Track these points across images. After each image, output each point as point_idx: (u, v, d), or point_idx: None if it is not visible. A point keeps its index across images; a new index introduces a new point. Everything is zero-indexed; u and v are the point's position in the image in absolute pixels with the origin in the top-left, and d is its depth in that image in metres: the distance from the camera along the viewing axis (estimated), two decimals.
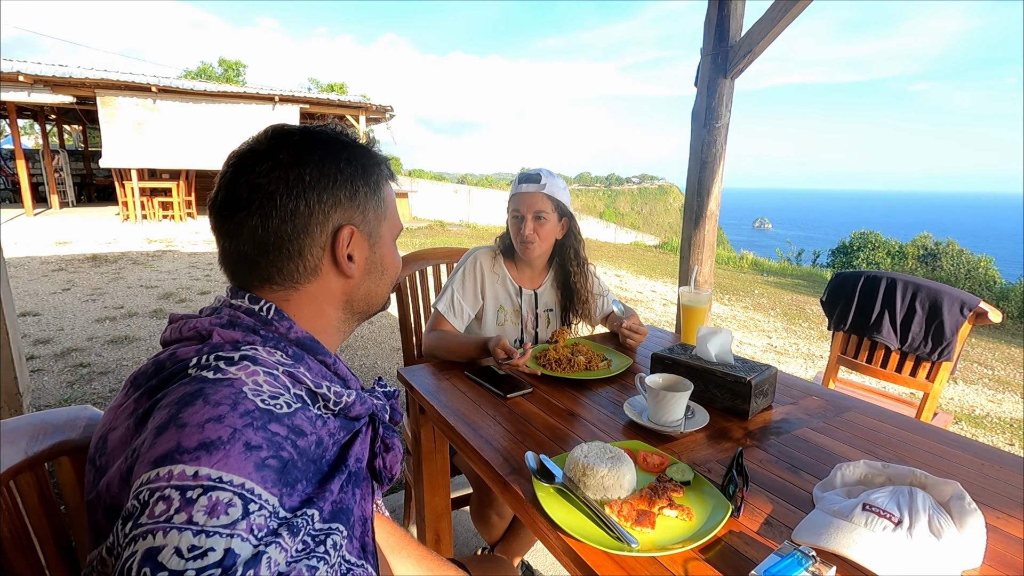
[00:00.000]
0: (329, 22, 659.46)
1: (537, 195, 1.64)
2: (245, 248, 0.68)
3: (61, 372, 3.52)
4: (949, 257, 11.56)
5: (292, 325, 0.69)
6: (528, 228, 1.63)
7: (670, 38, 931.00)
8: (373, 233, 0.75)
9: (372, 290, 0.78)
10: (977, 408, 3.77)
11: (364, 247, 0.75)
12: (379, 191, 0.76)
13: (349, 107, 12.12)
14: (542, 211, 1.64)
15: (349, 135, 0.76)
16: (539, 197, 1.64)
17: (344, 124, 0.83)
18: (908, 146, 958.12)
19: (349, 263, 0.73)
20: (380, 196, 0.76)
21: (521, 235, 1.65)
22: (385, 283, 0.80)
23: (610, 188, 57.83)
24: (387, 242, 0.79)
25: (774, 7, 2.08)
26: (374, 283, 0.78)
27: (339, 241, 0.70)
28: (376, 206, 0.75)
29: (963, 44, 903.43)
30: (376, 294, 0.80)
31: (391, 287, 0.82)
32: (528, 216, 1.63)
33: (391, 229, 0.79)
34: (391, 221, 0.79)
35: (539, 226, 1.64)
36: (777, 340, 5.25)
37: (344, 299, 0.76)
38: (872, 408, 1.28)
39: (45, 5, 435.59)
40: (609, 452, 0.93)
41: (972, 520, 0.77)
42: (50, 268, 6.44)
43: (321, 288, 0.73)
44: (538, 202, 1.64)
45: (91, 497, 0.59)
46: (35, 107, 11.07)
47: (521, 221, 1.65)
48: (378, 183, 0.76)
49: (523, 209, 1.64)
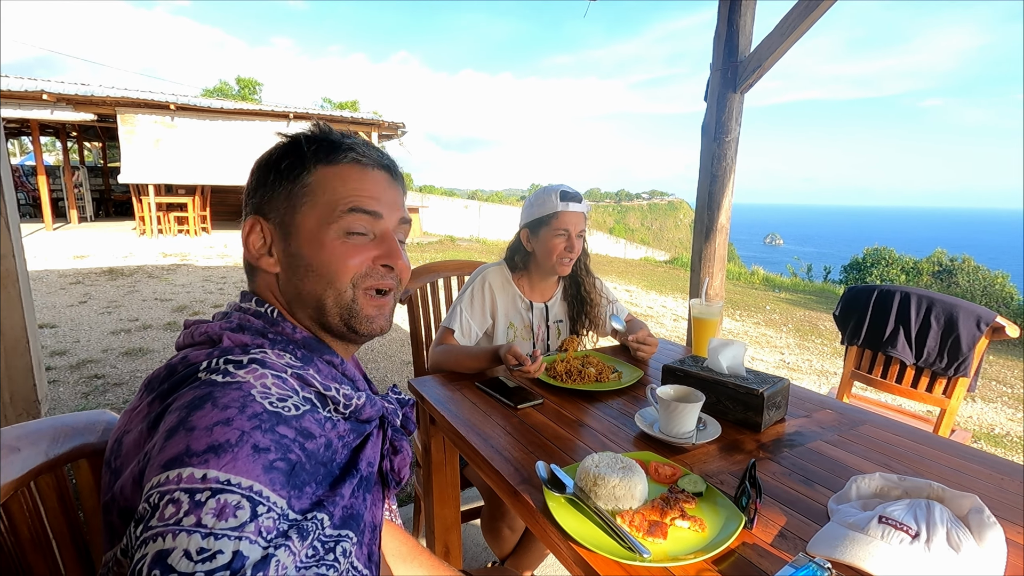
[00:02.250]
0: (342, 41, 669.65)
1: (581, 215, 1.69)
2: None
3: (76, 383, 3.56)
4: (965, 273, 11.41)
5: (295, 326, 0.70)
6: (577, 247, 1.68)
7: (677, 56, 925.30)
8: (286, 223, 0.69)
9: (303, 289, 0.69)
10: (997, 427, 3.69)
11: (278, 240, 0.70)
12: (298, 178, 0.69)
13: (362, 124, 12.31)
14: (583, 231, 1.69)
15: (299, 132, 0.72)
16: (582, 217, 1.69)
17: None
18: (919, 162, 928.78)
19: (264, 256, 0.71)
20: (298, 183, 0.69)
21: (568, 252, 1.67)
22: (319, 284, 0.69)
23: (620, 204, 57.95)
24: (308, 232, 0.69)
25: (783, 23, 2.10)
26: (301, 281, 0.69)
27: (243, 232, 0.71)
28: (288, 194, 0.69)
29: (974, 61, 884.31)
30: (311, 295, 0.69)
31: (334, 294, 0.69)
32: (574, 234, 1.67)
33: (317, 216, 0.69)
34: (320, 207, 0.69)
35: (579, 244, 1.70)
36: (790, 356, 5.19)
37: (284, 299, 0.71)
38: (887, 422, 1.26)
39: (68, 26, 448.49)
40: (620, 462, 0.93)
41: (992, 534, 0.76)
42: (67, 281, 6.55)
43: (263, 284, 0.72)
44: (581, 222, 1.69)
45: (107, 499, 0.59)
46: (57, 124, 11.35)
47: (568, 239, 1.67)
48: (294, 169, 0.69)
49: (571, 228, 1.66)
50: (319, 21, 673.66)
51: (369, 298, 0.71)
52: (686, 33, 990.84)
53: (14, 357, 1.27)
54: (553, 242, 1.67)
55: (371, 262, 0.71)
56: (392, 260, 0.72)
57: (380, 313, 0.73)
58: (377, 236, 0.72)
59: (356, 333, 0.71)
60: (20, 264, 1.31)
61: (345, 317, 0.70)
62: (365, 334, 0.72)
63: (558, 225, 1.66)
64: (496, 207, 19.37)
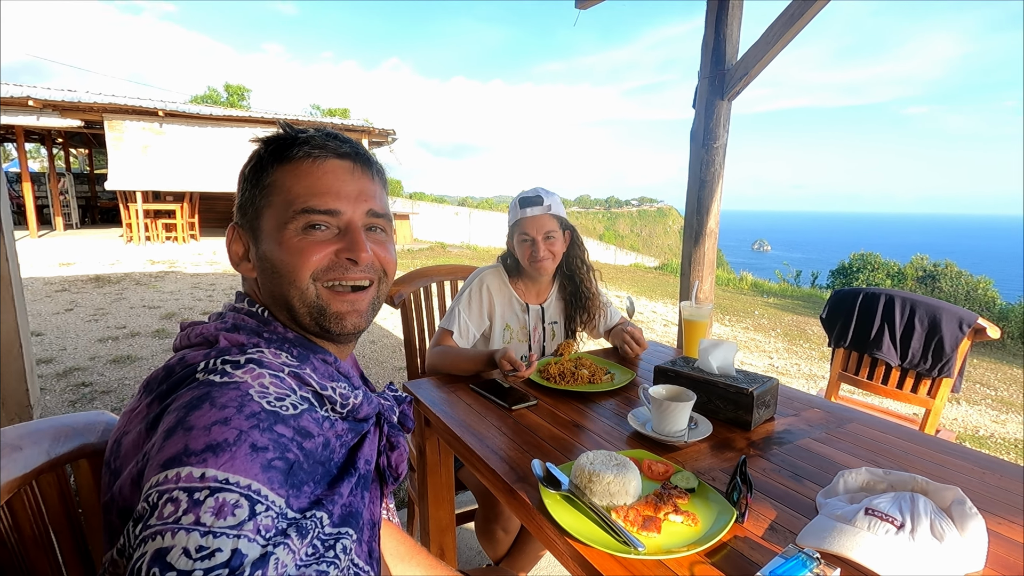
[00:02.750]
0: (334, 47, 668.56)
1: (543, 217, 1.68)
2: None
3: (63, 391, 3.52)
4: (948, 278, 11.60)
5: (285, 325, 0.71)
6: (542, 250, 1.68)
7: (669, 62, 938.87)
8: (254, 227, 0.70)
9: (274, 292, 0.70)
10: (981, 428, 3.76)
11: (252, 245, 0.72)
12: (259, 181, 0.70)
13: (353, 131, 12.31)
14: (551, 231, 1.69)
15: (271, 135, 0.73)
16: (546, 219, 1.68)
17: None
18: (905, 169, 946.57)
19: (243, 261, 0.73)
20: (259, 185, 0.70)
21: (536, 257, 1.68)
22: (282, 284, 0.68)
23: (609, 211, 58.30)
24: (269, 233, 0.69)
25: (769, 31, 2.15)
26: (271, 283, 0.70)
27: (226, 240, 0.75)
28: (252, 198, 0.70)
29: (958, 69, 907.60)
30: (280, 297, 0.69)
31: (297, 292, 0.68)
32: (539, 238, 1.67)
33: (275, 217, 0.68)
34: (277, 208, 0.68)
35: (550, 245, 1.69)
36: (778, 360, 5.25)
37: (265, 303, 0.73)
38: (874, 420, 1.29)
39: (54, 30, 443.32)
40: (615, 459, 0.94)
41: (973, 524, 0.79)
42: (53, 289, 6.47)
43: (250, 289, 0.75)
44: (546, 224, 1.68)
45: (106, 499, 0.60)
46: (43, 131, 11.25)
47: (532, 244, 1.68)
48: (255, 173, 0.70)
49: (532, 232, 1.67)
50: (310, 27, 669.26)
51: (336, 294, 0.69)
52: (678, 40, 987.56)
53: (8, 361, 1.27)
54: (521, 248, 1.71)
55: (333, 256, 0.69)
56: (354, 253, 0.68)
57: (353, 309, 0.70)
58: (341, 229, 0.70)
59: (330, 332, 0.70)
60: (13, 268, 1.30)
61: (315, 316, 0.69)
62: (338, 332, 0.70)
63: (520, 231, 1.70)
64: (487, 214, 19.41)
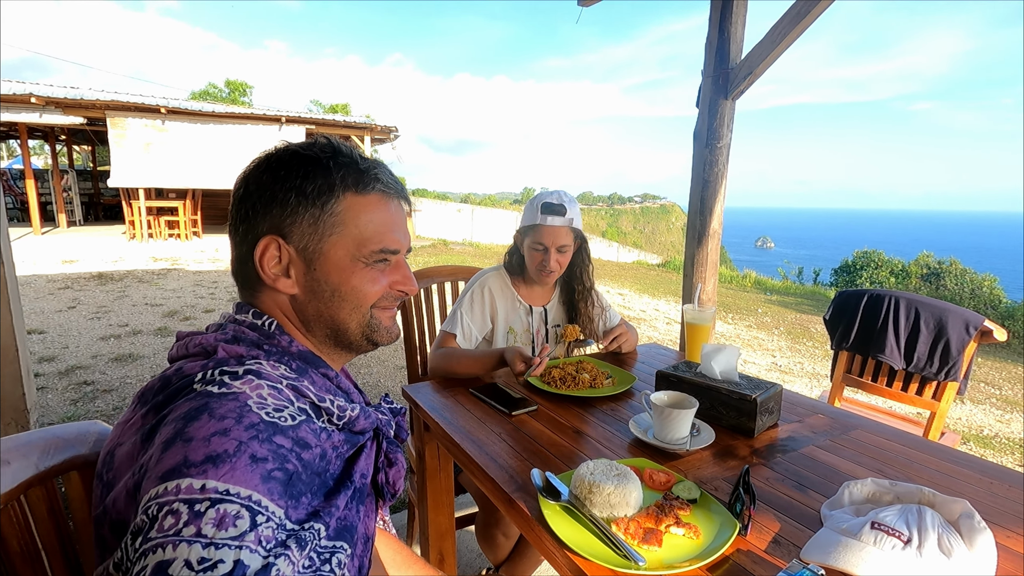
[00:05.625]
0: (337, 43, 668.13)
1: (562, 229, 1.62)
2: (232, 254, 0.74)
3: (65, 390, 3.52)
4: (953, 276, 11.53)
5: (292, 339, 0.70)
6: (552, 261, 1.62)
7: (672, 59, 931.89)
8: (310, 248, 0.69)
9: (324, 313, 0.72)
10: (986, 428, 3.73)
11: (299, 263, 0.70)
12: (326, 205, 0.69)
13: (355, 128, 12.28)
14: (565, 244, 1.63)
15: (316, 147, 0.71)
16: (564, 231, 1.62)
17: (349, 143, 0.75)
18: (909, 165, 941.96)
19: (281, 278, 0.70)
20: (326, 210, 0.69)
21: (544, 267, 1.63)
22: (344, 309, 0.72)
23: (612, 207, 58.15)
24: (336, 262, 0.70)
25: (774, 30, 2.12)
26: (325, 306, 0.71)
27: (257, 250, 0.69)
28: (314, 220, 0.69)
29: (962, 65, 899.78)
30: (334, 319, 0.72)
31: (357, 316, 0.73)
32: (552, 249, 1.62)
33: (347, 248, 0.70)
34: (349, 239, 0.70)
35: (561, 257, 1.65)
36: (781, 359, 5.22)
37: (299, 318, 0.73)
38: (878, 426, 1.27)
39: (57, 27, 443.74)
40: (615, 469, 0.93)
41: (982, 538, 0.77)
42: (56, 286, 6.48)
43: (271, 302, 0.72)
44: (563, 236, 1.62)
45: (98, 512, 0.59)
46: (46, 128, 11.26)
47: (544, 253, 1.63)
48: (321, 196, 0.69)
49: (547, 242, 1.61)
50: (314, 23, 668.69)
51: (383, 311, 0.76)
52: (681, 36, 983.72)
53: (4, 364, 1.26)
54: (532, 254, 1.67)
55: (388, 287, 0.75)
56: (407, 287, 0.76)
57: (394, 323, 0.78)
58: (392, 263, 0.75)
59: (375, 344, 0.76)
60: (9, 270, 1.29)
61: (367, 333, 0.75)
62: (384, 343, 0.78)
63: (536, 237, 1.63)
64: (489, 211, 19.39)
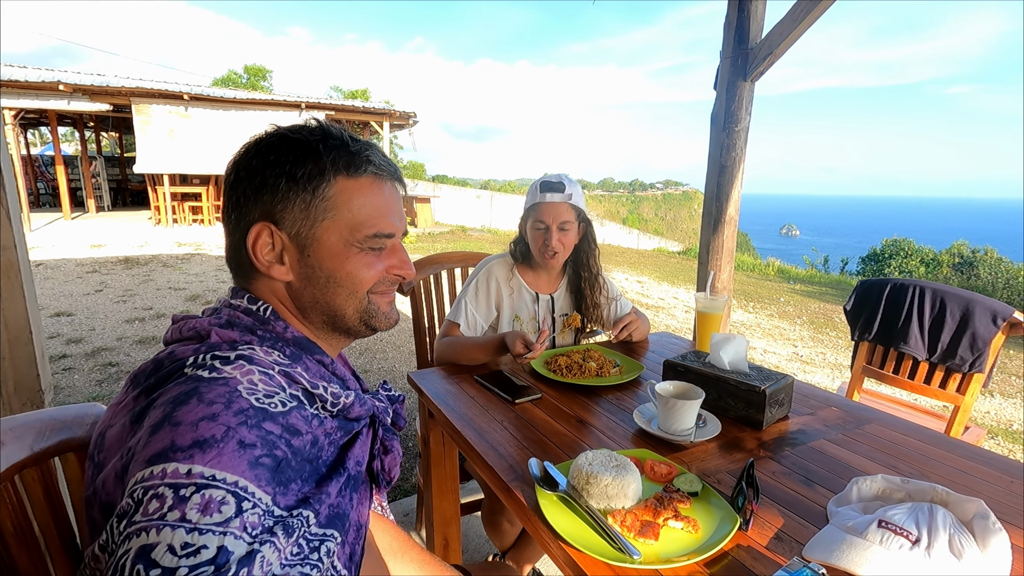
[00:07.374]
0: (359, 29, 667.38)
1: (562, 205, 1.60)
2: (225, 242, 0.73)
3: (91, 371, 3.63)
4: (987, 265, 11.14)
5: (287, 325, 0.69)
6: (554, 239, 1.61)
7: (696, 43, 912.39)
8: (303, 234, 0.68)
9: (320, 299, 0.71)
10: (1015, 423, 3.61)
11: (292, 250, 0.69)
12: (317, 190, 0.67)
13: (374, 113, 12.29)
14: (567, 221, 1.61)
15: (305, 130, 0.69)
16: (564, 207, 1.61)
17: (362, 131, 0.74)
18: (943, 151, 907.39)
19: (275, 264, 0.69)
20: (318, 195, 0.68)
21: (547, 247, 1.62)
22: (339, 295, 0.71)
23: (633, 194, 57.41)
24: (330, 248, 0.69)
25: (795, 8, 2.04)
26: (320, 292, 0.70)
27: (249, 237, 0.68)
28: (306, 205, 0.67)
29: (1001, 47, 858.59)
30: (330, 306, 0.71)
31: (354, 302, 0.72)
32: (553, 227, 1.60)
33: (340, 233, 0.69)
34: (342, 224, 0.69)
35: (564, 236, 1.63)
36: (803, 349, 5.12)
37: (295, 305, 0.72)
38: (894, 420, 1.23)
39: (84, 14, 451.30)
40: (614, 460, 0.91)
41: (996, 540, 0.73)
42: (84, 270, 6.67)
43: (267, 288, 0.71)
44: (563, 212, 1.61)
45: (88, 493, 0.59)
46: (74, 115, 11.50)
47: (546, 232, 1.62)
48: (312, 180, 0.67)
49: (548, 220, 1.60)
50: (336, 9, 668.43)
51: (381, 296, 0.75)
52: (705, 19, 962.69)
53: (17, 347, 1.29)
54: (534, 234, 1.65)
55: (384, 272, 0.73)
56: (404, 271, 0.75)
57: (392, 307, 0.77)
58: (388, 247, 0.74)
59: (374, 330, 0.75)
60: (22, 254, 1.31)
61: (365, 319, 0.74)
62: (383, 329, 0.76)
63: (537, 216, 1.62)
64: (508, 197, 19.28)
